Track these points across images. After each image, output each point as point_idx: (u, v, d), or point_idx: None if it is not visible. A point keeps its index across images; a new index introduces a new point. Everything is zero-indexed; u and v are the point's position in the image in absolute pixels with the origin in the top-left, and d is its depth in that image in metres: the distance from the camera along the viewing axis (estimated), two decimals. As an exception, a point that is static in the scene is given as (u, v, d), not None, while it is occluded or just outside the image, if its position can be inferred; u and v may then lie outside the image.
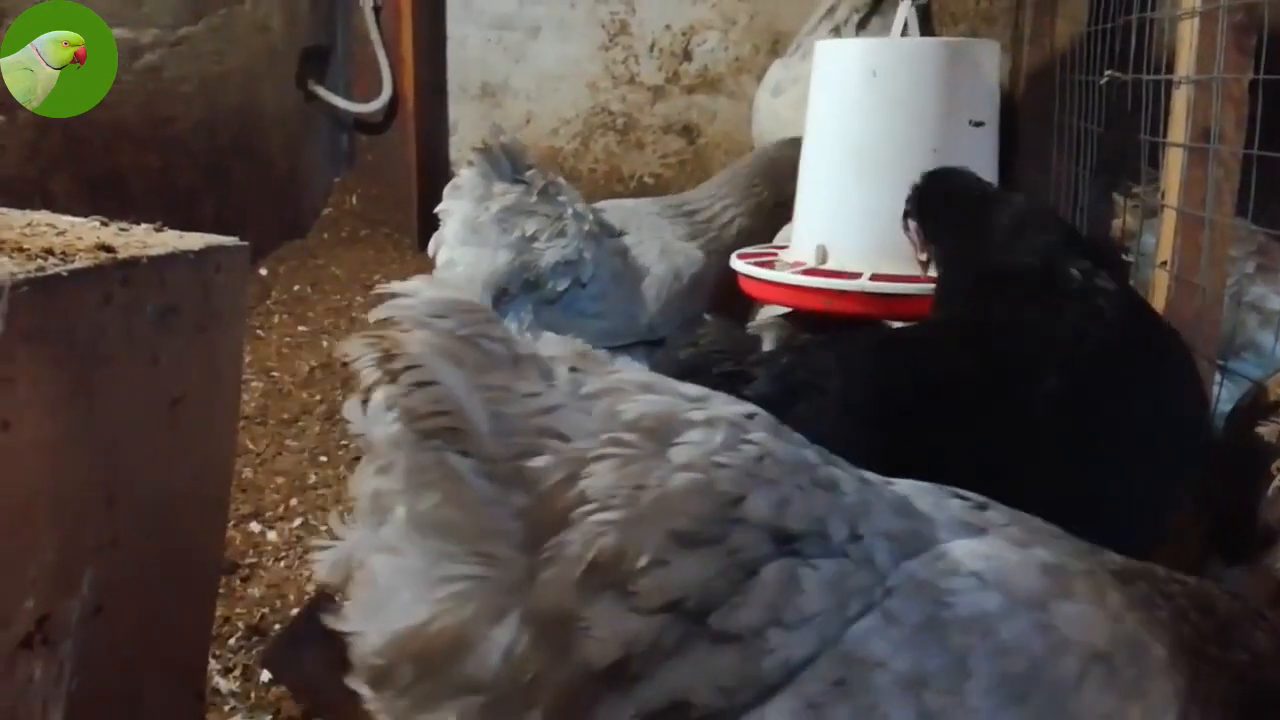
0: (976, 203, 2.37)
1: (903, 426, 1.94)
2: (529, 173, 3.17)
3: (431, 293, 1.30)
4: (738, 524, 1.19)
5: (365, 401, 1.27)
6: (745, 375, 2.01)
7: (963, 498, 1.38)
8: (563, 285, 3.10)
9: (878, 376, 2.03)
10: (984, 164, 3.02)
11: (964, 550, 1.28)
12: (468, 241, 3.06)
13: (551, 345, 1.37)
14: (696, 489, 1.19)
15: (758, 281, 3.02)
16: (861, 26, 3.85)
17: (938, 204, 2.47)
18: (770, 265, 3.07)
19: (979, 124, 3.03)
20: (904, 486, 1.38)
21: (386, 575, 1.21)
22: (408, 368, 1.22)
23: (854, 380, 2.01)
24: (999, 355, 2.05)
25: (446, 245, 3.11)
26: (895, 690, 1.15)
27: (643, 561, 1.15)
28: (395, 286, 1.31)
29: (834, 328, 2.75)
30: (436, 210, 3.18)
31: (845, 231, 3.00)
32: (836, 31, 3.92)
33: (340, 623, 1.22)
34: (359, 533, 1.27)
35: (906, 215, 2.54)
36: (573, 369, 1.33)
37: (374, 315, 1.28)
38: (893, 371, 2.06)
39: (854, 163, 3.01)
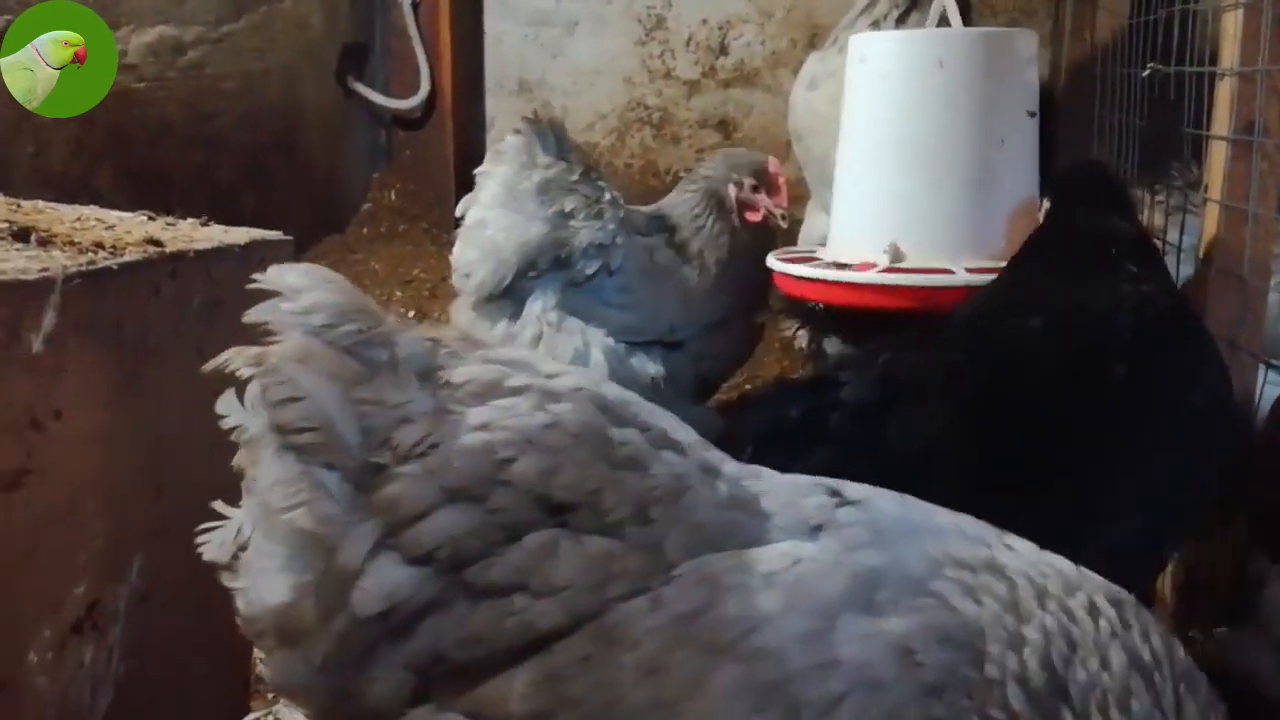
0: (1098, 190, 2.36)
1: (1000, 418, 1.96)
2: (572, 154, 3.15)
3: (313, 295, 1.28)
4: (502, 485, 1.22)
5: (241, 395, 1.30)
6: (833, 380, 2.02)
7: (831, 492, 1.31)
8: (592, 269, 3.05)
9: (974, 372, 2.05)
10: (1035, 154, 3.03)
11: (779, 550, 1.22)
12: (505, 205, 3.02)
13: (438, 331, 1.39)
14: (473, 448, 1.23)
15: (826, 284, 2.98)
16: (901, 21, 3.82)
17: (1075, 184, 2.45)
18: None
19: (1033, 114, 3.05)
20: (768, 482, 1.34)
21: (260, 553, 1.27)
22: (279, 381, 1.24)
23: (951, 377, 2.02)
24: (1075, 340, 2.08)
25: (480, 205, 3.06)
26: (636, 674, 1.14)
27: (410, 512, 1.21)
28: (272, 280, 1.30)
29: (860, 323, 2.76)
30: (475, 172, 3.13)
31: (920, 227, 2.96)
32: (876, 26, 3.89)
33: (232, 579, 1.29)
34: (245, 509, 1.31)
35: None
36: (451, 353, 1.34)
37: (247, 316, 1.28)
38: (986, 366, 2.07)
39: (923, 157, 2.98)
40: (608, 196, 3.13)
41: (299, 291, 1.28)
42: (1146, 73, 2.96)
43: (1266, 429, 2.31)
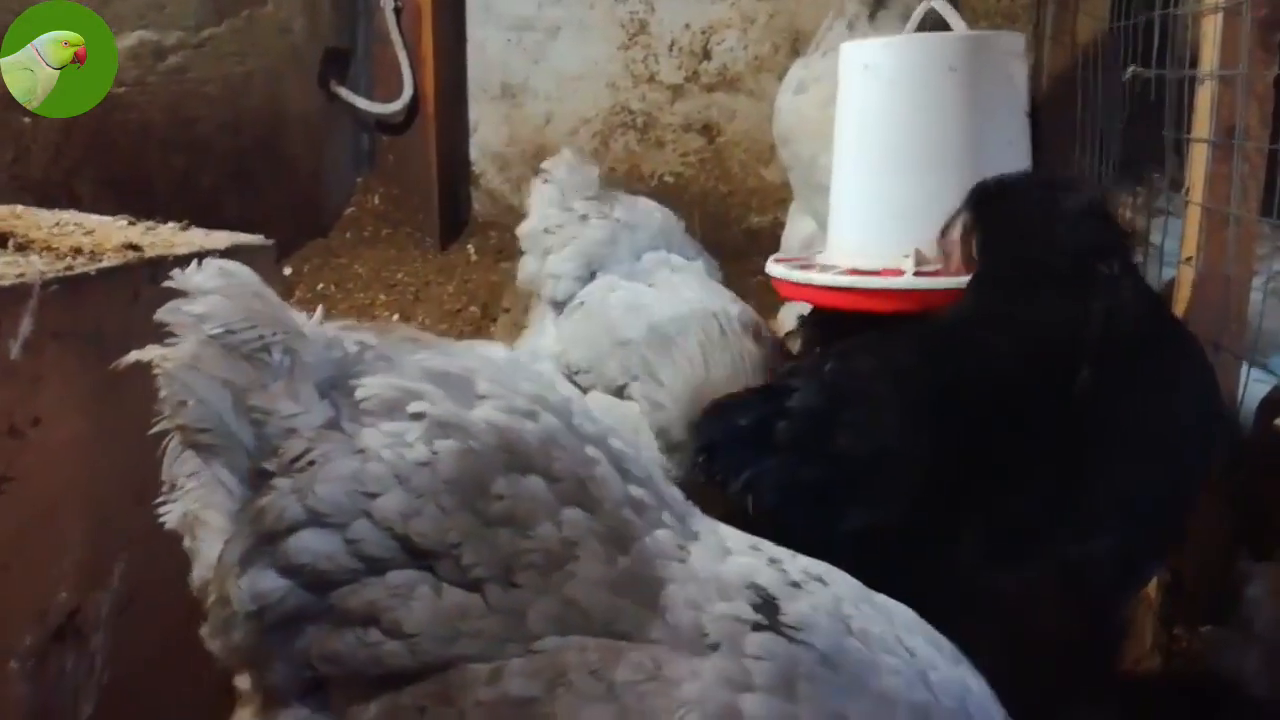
0: (1035, 196, 2.36)
1: (952, 425, 1.95)
2: (580, 202, 3.36)
3: (212, 300, 1.28)
4: (364, 517, 1.20)
5: None
6: (785, 388, 2.00)
7: (762, 603, 1.16)
8: (547, 289, 3.28)
9: (925, 378, 2.03)
10: (1028, 153, 3.07)
11: (644, 656, 1.10)
12: (523, 248, 3.44)
13: (388, 332, 1.38)
14: (340, 475, 1.22)
15: (859, 292, 2.97)
16: (871, 20, 3.84)
17: (998, 203, 2.45)
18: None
19: (1030, 115, 3.11)
20: (694, 567, 1.20)
21: (201, 529, 1.31)
22: (173, 384, 1.27)
23: (901, 383, 2.01)
24: (1036, 350, 2.07)
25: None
26: None
27: (273, 526, 1.22)
28: (181, 279, 1.31)
29: (855, 326, 2.74)
30: None
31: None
32: (850, 28, 3.92)
33: (190, 541, 1.33)
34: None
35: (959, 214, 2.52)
36: (379, 357, 1.33)
37: (157, 315, 1.30)
38: (939, 372, 2.05)
39: (939, 161, 2.98)
40: (594, 234, 3.26)
41: (202, 294, 1.29)
42: (1127, 76, 2.98)
43: (1253, 429, 2.32)
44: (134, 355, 1.31)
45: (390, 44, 5.31)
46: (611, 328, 2.99)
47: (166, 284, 1.31)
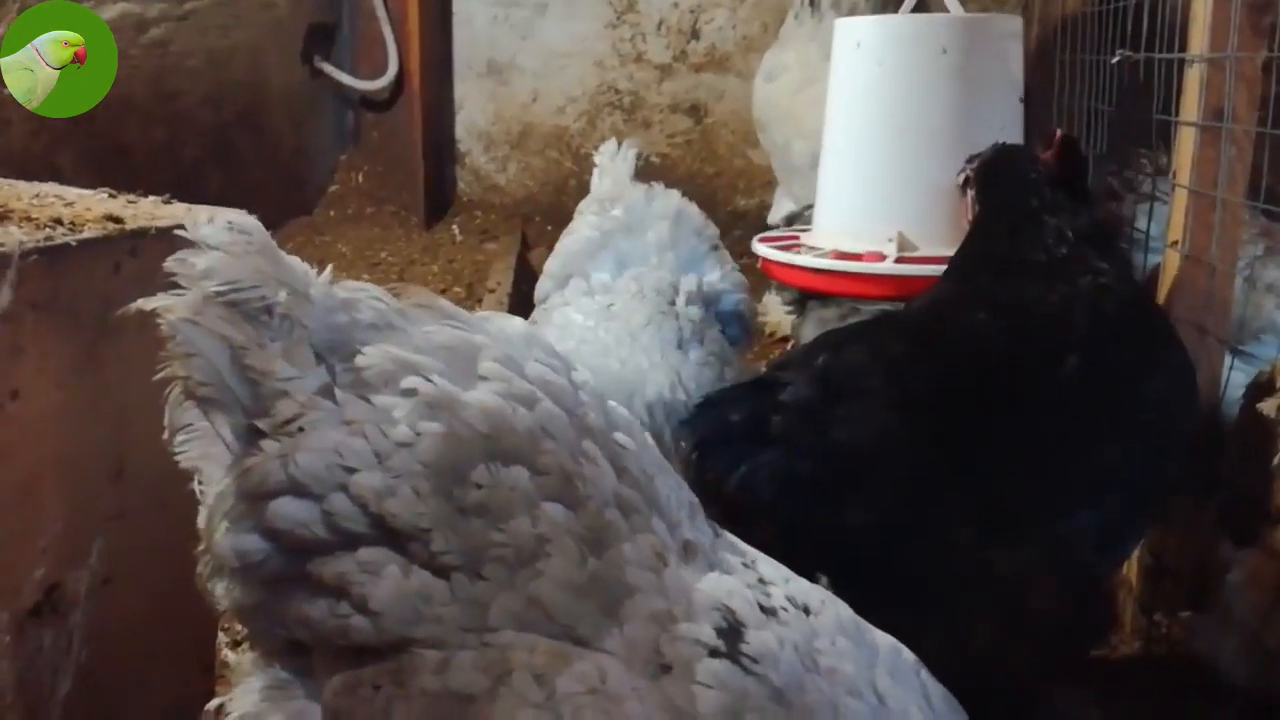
0: (1028, 185, 2.36)
1: (944, 413, 1.95)
2: (606, 189, 3.10)
3: (218, 256, 1.27)
4: (341, 491, 1.20)
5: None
6: (777, 382, 2.00)
7: (726, 629, 1.15)
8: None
9: (917, 368, 2.03)
10: (1022, 140, 3.07)
11: (587, 668, 1.11)
12: None
13: (408, 296, 1.36)
14: (327, 444, 1.21)
15: (839, 275, 2.98)
16: (815, 10, 3.84)
17: (1000, 178, 2.45)
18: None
19: (1022, 100, 3.12)
20: (667, 579, 1.19)
21: (201, 475, 1.31)
22: (175, 336, 1.26)
23: (894, 374, 2.00)
24: (1024, 335, 2.08)
25: None
26: None
27: (256, 488, 1.22)
28: (191, 231, 1.30)
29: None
30: None
31: (927, 216, 2.93)
32: (796, 18, 3.92)
33: (196, 484, 1.34)
34: None
35: (967, 183, 2.52)
36: (389, 324, 1.30)
37: (166, 265, 1.29)
38: (930, 361, 2.05)
39: (929, 144, 2.96)
40: (582, 232, 2.95)
41: (209, 248, 1.28)
42: (1116, 59, 2.97)
43: (1239, 416, 2.32)
44: (139, 304, 1.29)
45: (375, 19, 5.27)
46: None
47: (178, 232, 1.29)
